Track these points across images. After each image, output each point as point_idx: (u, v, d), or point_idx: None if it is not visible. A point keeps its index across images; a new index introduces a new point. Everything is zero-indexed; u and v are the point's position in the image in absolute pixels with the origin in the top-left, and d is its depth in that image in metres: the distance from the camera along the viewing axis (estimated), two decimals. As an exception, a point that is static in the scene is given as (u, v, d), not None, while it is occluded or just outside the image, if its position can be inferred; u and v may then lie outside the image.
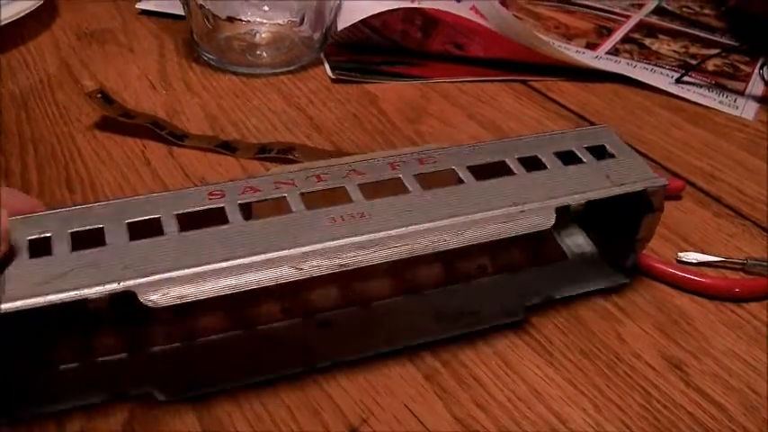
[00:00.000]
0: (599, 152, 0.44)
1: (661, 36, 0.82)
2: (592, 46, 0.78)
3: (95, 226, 0.37)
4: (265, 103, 0.64)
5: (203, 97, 0.65)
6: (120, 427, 0.37)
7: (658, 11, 0.89)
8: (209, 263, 0.35)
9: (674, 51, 0.78)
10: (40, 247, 0.36)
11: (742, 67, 0.76)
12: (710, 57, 0.77)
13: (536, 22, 0.83)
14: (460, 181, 0.42)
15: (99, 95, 0.61)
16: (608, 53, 0.77)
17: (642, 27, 0.84)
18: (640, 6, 0.90)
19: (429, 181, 0.41)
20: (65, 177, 0.54)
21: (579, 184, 0.42)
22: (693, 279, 0.46)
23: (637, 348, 0.43)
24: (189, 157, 0.57)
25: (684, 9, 0.90)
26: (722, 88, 0.72)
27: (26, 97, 0.64)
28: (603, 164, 0.43)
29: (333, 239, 0.37)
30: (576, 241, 0.48)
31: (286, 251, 0.36)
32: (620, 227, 0.45)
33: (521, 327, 0.43)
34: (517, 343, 0.42)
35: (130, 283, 0.34)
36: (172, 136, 0.58)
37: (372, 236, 0.37)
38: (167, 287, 0.34)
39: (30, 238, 0.36)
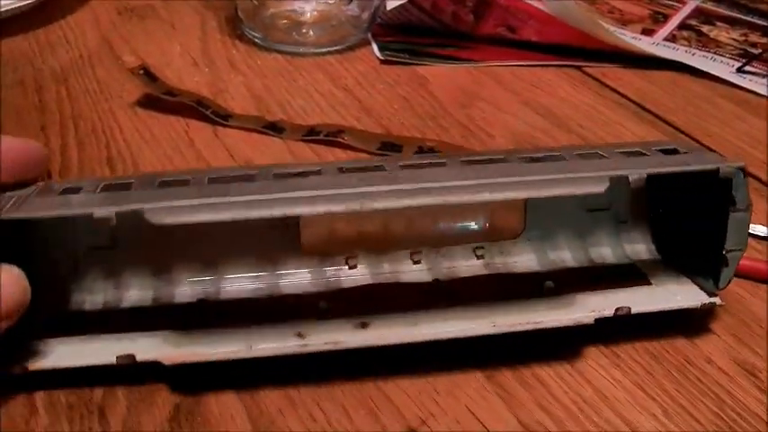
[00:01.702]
0: (669, 152, 0.41)
1: (719, 23, 0.79)
2: (647, 32, 0.75)
3: (126, 181, 0.37)
4: (312, 84, 0.62)
5: (248, 76, 0.63)
6: (165, 421, 0.35)
7: (714, -3, 0.86)
8: (227, 196, 0.34)
9: (734, 39, 0.75)
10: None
11: (805, 57, 0.73)
12: (772, 46, 0.73)
13: (589, 6, 0.80)
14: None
15: (142, 72, 0.59)
16: (665, 40, 0.74)
17: (699, 14, 0.81)
18: (695, -8, 0.86)
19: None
20: (106, 156, 0.53)
21: (642, 165, 0.38)
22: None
23: (707, 352, 0.40)
24: (234, 138, 0.55)
25: (743, -5, 0.87)
26: (785, 79, 0.69)
27: (66, 74, 0.62)
28: (673, 157, 0.40)
29: (356, 188, 0.35)
30: (652, 259, 0.44)
31: (301, 193, 0.35)
32: (705, 238, 0.40)
33: (587, 327, 0.40)
34: (582, 343, 0.40)
35: (140, 205, 0.33)
36: (216, 116, 0.56)
37: (403, 186, 0.35)
38: (177, 213, 0.33)
39: (64, 187, 0.36)
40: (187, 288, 0.41)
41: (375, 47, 0.68)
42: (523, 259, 0.43)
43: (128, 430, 0.35)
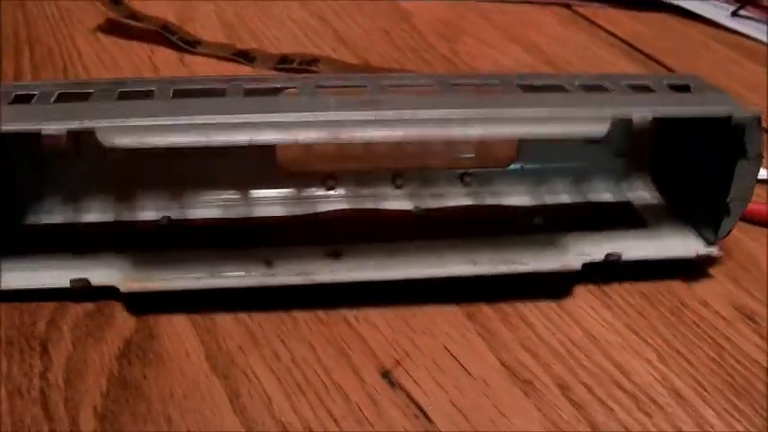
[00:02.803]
0: (680, 89, 0.38)
1: (713, -33, 0.76)
2: (640, -26, 0.72)
3: (84, 90, 0.34)
4: (286, 13, 0.59)
5: (219, 3, 0.59)
6: (113, 358, 0.32)
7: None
8: (191, 114, 0.31)
9: (728, -16, 0.72)
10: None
11: (801, 3, 0.70)
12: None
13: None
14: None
15: (104, -6, 0.55)
16: (658, -19, 0.71)
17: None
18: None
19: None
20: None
21: (648, 103, 0.35)
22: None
23: (704, 295, 0.37)
24: (201, 66, 0.51)
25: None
26: (781, 25, 0.66)
27: (24, -4, 0.58)
28: (683, 95, 0.37)
29: (334, 114, 0.32)
30: (651, 201, 0.41)
31: (272, 117, 0.31)
32: (708, 184, 0.37)
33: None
34: (570, 282, 0.37)
35: (93, 123, 0.30)
36: (183, 42, 0.52)
37: (389, 113, 0.32)
38: (133, 133, 0.30)
39: (16, 92, 0.33)
40: (152, 208, 0.38)
41: (355, -22, 0.64)
42: (513, 191, 0.40)
43: (72, 368, 0.31)
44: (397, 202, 0.39)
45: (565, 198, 0.41)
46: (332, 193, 0.39)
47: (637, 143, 0.41)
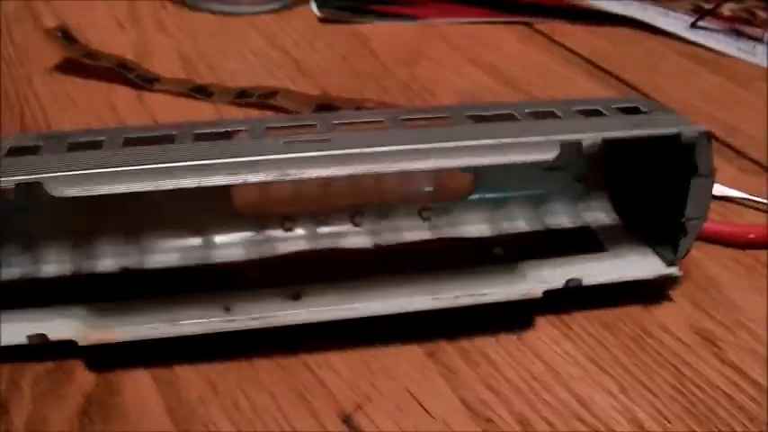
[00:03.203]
0: (630, 111, 0.38)
1: (671, -22, 0.76)
2: (598, -13, 0.72)
3: (34, 143, 0.34)
4: (245, 45, 0.59)
5: (176, 37, 0.59)
6: (74, 416, 0.32)
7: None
8: (140, 163, 0.31)
9: (687, -6, 0.73)
10: None
11: (759, 12, 0.71)
12: (726, 1, 0.71)
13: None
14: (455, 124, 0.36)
15: (59, 34, 0.55)
16: (617, -5, 0.71)
17: (651, -33, 0.78)
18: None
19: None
20: (19, 124, 0.49)
21: (597, 127, 0.35)
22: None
23: (664, 320, 0.38)
24: (160, 103, 0.51)
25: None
26: (739, 34, 0.66)
27: (-21, 36, 0.58)
28: (632, 117, 0.37)
29: (283, 154, 0.32)
30: (610, 224, 0.42)
31: (221, 160, 0.31)
32: (665, 204, 0.37)
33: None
34: (530, 313, 0.37)
35: (40, 175, 0.30)
36: (141, 79, 0.52)
37: (338, 151, 0.32)
38: (80, 182, 0.30)
39: None
40: (109, 257, 0.38)
41: (313, 4, 0.64)
42: (472, 222, 0.40)
43: (33, 428, 0.31)
44: (356, 239, 0.39)
45: (524, 226, 0.41)
46: (290, 234, 0.39)
47: (593, 167, 0.42)
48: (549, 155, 0.33)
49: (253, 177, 0.31)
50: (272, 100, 0.50)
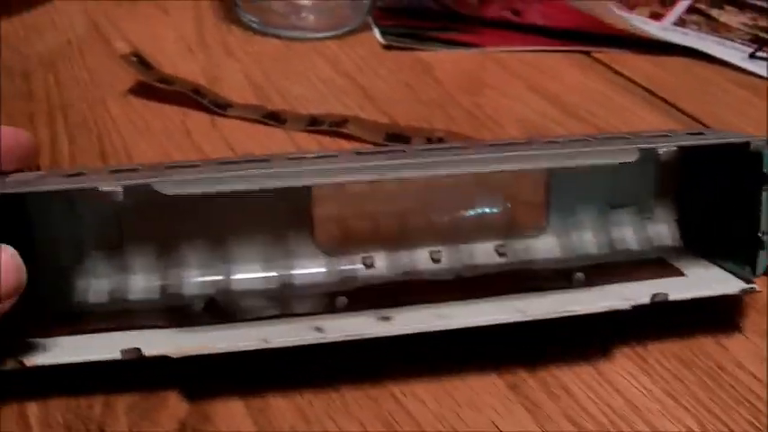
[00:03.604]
0: (696, 135, 0.39)
1: (727, 7, 0.76)
2: (655, 16, 0.73)
3: (133, 167, 0.36)
4: (311, 70, 0.60)
5: (245, 63, 0.60)
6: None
7: (720, -20, 0.83)
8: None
9: (743, 24, 0.73)
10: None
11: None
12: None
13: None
14: None
15: (135, 59, 0.56)
16: (674, 24, 0.71)
17: (706, -3, 0.78)
18: (700, -25, 0.84)
19: None
20: (98, 148, 0.50)
21: (670, 141, 0.37)
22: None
23: (737, 355, 0.38)
24: (233, 128, 0.52)
25: (748, -22, 0.84)
26: (797, 65, 0.66)
27: (54, 59, 0.60)
28: (701, 135, 0.39)
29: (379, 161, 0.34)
30: (681, 249, 0.43)
31: (324, 166, 0.34)
32: (737, 222, 0.38)
33: (611, 330, 0.38)
34: (607, 347, 0.38)
35: (148, 180, 0.32)
36: (214, 104, 0.53)
37: (428, 160, 0.34)
38: (186, 184, 0.32)
39: (68, 173, 0.35)
40: (197, 283, 0.39)
41: (376, 31, 0.65)
42: (547, 255, 0.41)
43: (130, 452, 0.32)
44: (435, 273, 0.40)
45: (596, 256, 0.42)
46: (371, 269, 0.40)
47: (658, 201, 0.43)
48: (630, 158, 0.34)
49: (352, 178, 0.33)
50: (344, 128, 0.51)
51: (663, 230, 0.43)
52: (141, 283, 0.39)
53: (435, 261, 0.40)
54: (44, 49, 0.61)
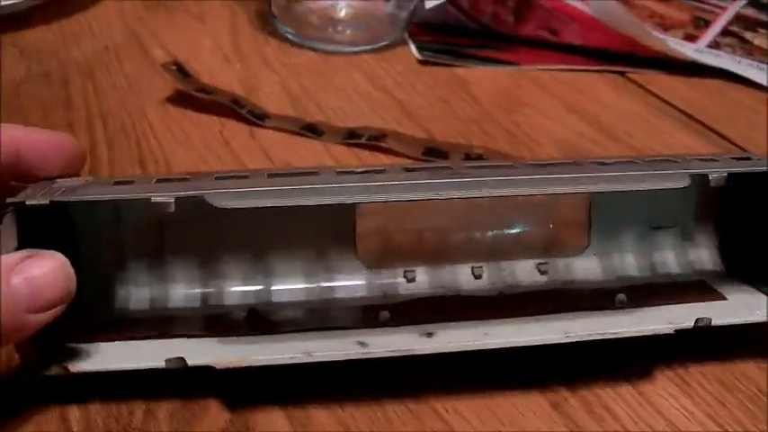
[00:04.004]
0: (742, 159, 0.39)
1: (760, 30, 0.76)
2: (690, 38, 0.73)
3: (182, 176, 0.36)
4: (348, 83, 0.60)
5: (282, 74, 0.60)
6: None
7: (754, 3, 0.83)
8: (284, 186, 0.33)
9: (777, 48, 0.73)
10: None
11: None
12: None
13: (629, 10, 0.78)
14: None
15: (174, 67, 0.56)
16: (708, 47, 0.71)
17: (740, 20, 0.78)
18: (733, -2, 0.84)
19: None
20: (137, 154, 0.50)
21: (718, 166, 0.37)
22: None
23: (779, 380, 0.38)
24: (271, 139, 0.52)
25: (782, 2, 0.84)
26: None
27: (92, 67, 0.60)
28: (747, 161, 0.39)
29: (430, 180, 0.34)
30: (721, 274, 0.42)
31: (373, 183, 0.34)
32: None
33: (653, 351, 0.38)
34: (649, 368, 0.37)
35: (200, 192, 0.32)
36: (252, 115, 0.54)
37: (478, 179, 0.34)
38: (240, 197, 0.32)
39: (115, 180, 0.35)
40: (238, 293, 0.39)
41: (413, 47, 0.65)
42: (589, 274, 0.41)
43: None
44: (477, 289, 0.40)
45: (637, 275, 0.42)
46: (412, 284, 0.40)
47: (702, 223, 0.43)
48: (681, 183, 0.34)
49: (404, 196, 0.33)
50: (382, 142, 0.51)
51: (704, 253, 0.43)
52: (182, 291, 0.39)
53: (477, 277, 0.40)
54: (82, 57, 0.61)
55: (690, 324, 0.36)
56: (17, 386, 0.34)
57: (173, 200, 0.32)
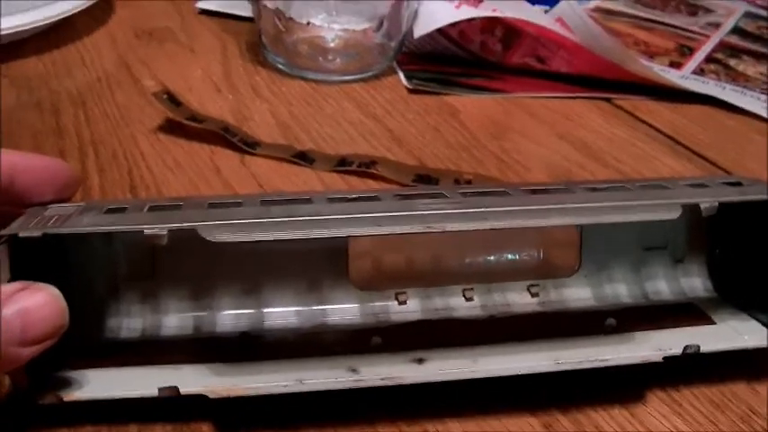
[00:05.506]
0: (733, 185, 0.40)
1: (745, 57, 0.78)
2: (675, 65, 0.74)
3: (175, 203, 0.36)
4: (339, 112, 0.60)
5: (272, 103, 0.61)
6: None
7: (737, 31, 0.84)
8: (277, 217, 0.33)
9: (761, 74, 0.74)
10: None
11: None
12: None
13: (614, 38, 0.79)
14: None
15: (165, 96, 0.57)
16: (693, 73, 0.72)
17: (724, 47, 0.80)
18: (717, 26, 0.85)
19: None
20: (128, 182, 0.51)
21: (709, 194, 0.38)
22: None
23: (770, 400, 0.38)
24: (262, 167, 0.53)
25: (765, 30, 0.85)
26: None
27: (84, 96, 0.60)
28: (737, 188, 0.39)
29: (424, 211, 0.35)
30: (712, 299, 0.43)
31: (367, 214, 0.34)
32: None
33: (644, 372, 0.38)
34: (640, 389, 0.38)
35: (193, 223, 0.32)
36: (243, 143, 0.54)
37: (473, 209, 0.35)
38: (233, 230, 0.32)
39: (107, 207, 0.35)
40: (230, 319, 0.39)
41: (401, 75, 0.66)
42: (580, 297, 0.41)
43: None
44: (469, 311, 0.40)
45: (628, 299, 0.42)
46: (404, 307, 0.40)
47: (692, 244, 0.43)
48: (673, 214, 0.35)
49: (399, 229, 0.33)
50: (373, 169, 0.52)
51: (695, 275, 0.43)
52: (174, 317, 0.39)
53: (468, 299, 0.40)
54: (73, 86, 0.61)
55: (678, 351, 0.36)
56: (9, 412, 0.34)
57: (165, 232, 0.32)
